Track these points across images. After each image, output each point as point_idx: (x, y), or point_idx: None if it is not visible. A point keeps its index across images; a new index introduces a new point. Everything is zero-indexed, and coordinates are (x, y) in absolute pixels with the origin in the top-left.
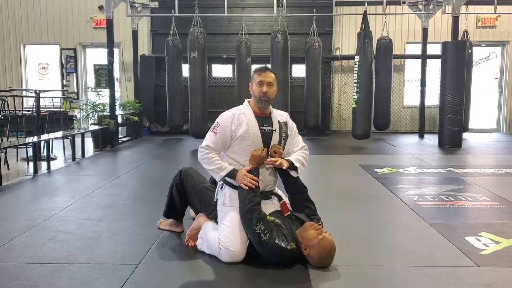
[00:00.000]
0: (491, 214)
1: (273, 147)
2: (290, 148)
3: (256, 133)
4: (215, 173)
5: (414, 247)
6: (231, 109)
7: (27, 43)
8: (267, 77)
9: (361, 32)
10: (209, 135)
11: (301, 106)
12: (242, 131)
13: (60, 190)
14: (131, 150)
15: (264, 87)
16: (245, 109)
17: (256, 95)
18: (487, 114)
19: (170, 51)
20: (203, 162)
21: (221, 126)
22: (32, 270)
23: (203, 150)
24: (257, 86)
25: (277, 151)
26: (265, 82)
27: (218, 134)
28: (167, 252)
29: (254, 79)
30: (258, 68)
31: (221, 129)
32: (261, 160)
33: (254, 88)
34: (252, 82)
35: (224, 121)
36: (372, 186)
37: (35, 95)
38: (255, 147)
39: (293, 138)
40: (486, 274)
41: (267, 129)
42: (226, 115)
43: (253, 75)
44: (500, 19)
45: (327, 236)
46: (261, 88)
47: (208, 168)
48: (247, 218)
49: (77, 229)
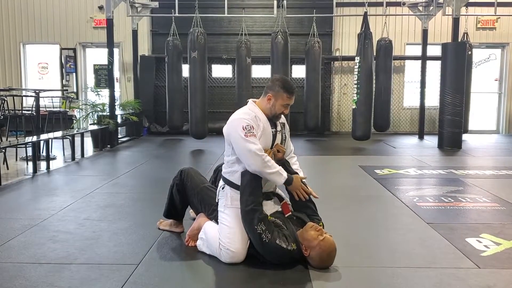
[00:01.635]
0: (492, 215)
1: (276, 146)
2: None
3: (269, 134)
4: (278, 175)
5: (414, 248)
6: (245, 111)
7: (27, 43)
8: (293, 101)
9: (361, 33)
10: (250, 140)
11: (301, 107)
12: (261, 131)
13: (59, 190)
14: (130, 150)
15: (287, 110)
16: (256, 110)
17: (276, 111)
18: (487, 116)
19: (170, 51)
20: (264, 167)
21: (254, 126)
22: (31, 270)
23: (260, 154)
24: (282, 106)
25: (280, 150)
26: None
27: (257, 135)
28: (167, 252)
29: (283, 98)
30: (290, 89)
31: (256, 129)
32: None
33: (278, 106)
34: (276, 97)
35: (251, 121)
36: (372, 187)
37: (35, 94)
38: (265, 147)
39: (288, 139)
40: (487, 275)
41: (273, 131)
42: (248, 115)
43: (282, 92)
44: (500, 20)
45: (328, 237)
46: (284, 110)
47: (269, 171)
48: (249, 218)
49: (77, 229)
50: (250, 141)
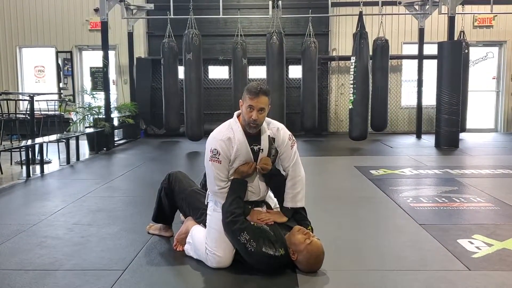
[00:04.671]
0: (485, 216)
1: (261, 162)
2: (282, 162)
3: (246, 154)
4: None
5: (405, 251)
6: (222, 129)
7: (23, 46)
8: (260, 103)
9: (356, 33)
10: (212, 167)
11: (297, 108)
12: (234, 154)
13: (51, 194)
14: (126, 153)
15: (253, 113)
16: (235, 127)
17: (245, 118)
18: (484, 114)
19: (166, 53)
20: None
21: (221, 154)
22: (16, 277)
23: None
24: (247, 109)
25: (264, 167)
26: (256, 108)
27: (223, 163)
28: (155, 257)
29: (245, 100)
30: (251, 89)
31: (223, 156)
32: (247, 175)
33: (244, 110)
34: (243, 101)
35: (222, 147)
36: (366, 188)
37: (29, 98)
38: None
39: (283, 152)
40: (477, 278)
41: (256, 148)
42: (222, 140)
43: (245, 94)
44: (497, 18)
45: (315, 241)
46: (250, 114)
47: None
48: (230, 230)
49: (65, 234)
50: (211, 167)
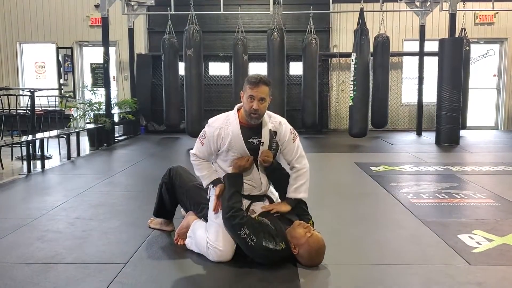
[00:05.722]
0: (485, 211)
1: (262, 154)
2: (285, 156)
3: (240, 147)
4: (203, 179)
5: (405, 246)
6: (220, 118)
7: (23, 42)
8: (260, 92)
9: (357, 29)
10: (197, 143)
11: (298, 105)
12: (227, 145)
13: (52, 189)
14: (127, 148)
15: (254, 103)
16: (233, 119)
17: (246, 109)
18: (485, 112)
19: (166, 49)
20: (195, 169)
21: (207, 137)
22: (18, 270)
23: (192, 156)
24: (247, 100)
25: (266, 159)
26: (257, 98)
27: (205, 145)
28: (156, 251)
29: (246, 90)
30: (251, 79)
31: (207, 140)
32: (244, 169)
33: (245, 101)
34: (244, 92)
35: (211, 134)
36: (367, 184)
37: (30, 94)
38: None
39: (285, 146)
40: (477, 272)
41: (255, 141)
42: (213, 127)
43: (245, 84)
44: (498, 16)
45: (316, 234)
46: (251, 104)
47: (196, 174)
48: (230, 225)
49: (66, 228)
50: (197, 142)
